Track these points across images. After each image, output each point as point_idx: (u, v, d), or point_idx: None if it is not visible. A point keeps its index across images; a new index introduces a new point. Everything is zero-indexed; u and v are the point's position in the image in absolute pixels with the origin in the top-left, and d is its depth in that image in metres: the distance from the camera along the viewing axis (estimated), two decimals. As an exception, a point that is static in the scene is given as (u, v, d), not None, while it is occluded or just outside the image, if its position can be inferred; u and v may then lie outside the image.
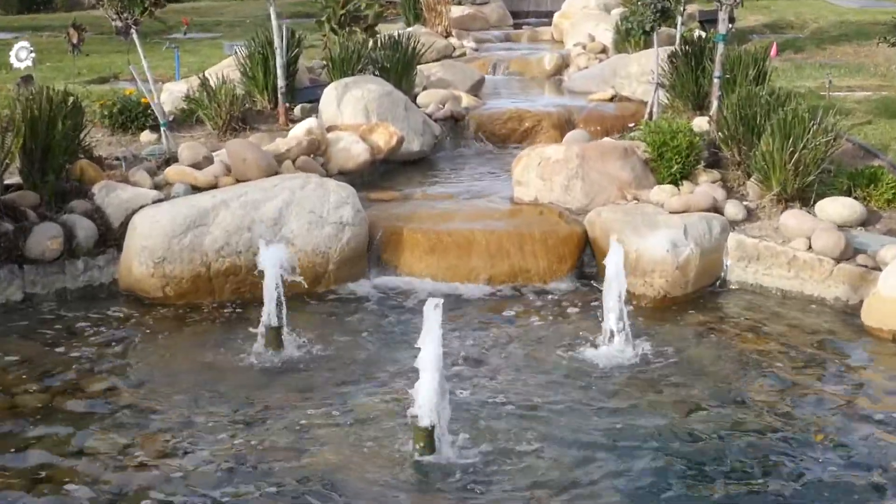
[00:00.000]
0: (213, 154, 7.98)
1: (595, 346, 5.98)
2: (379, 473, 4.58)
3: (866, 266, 6.62)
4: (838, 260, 6.69)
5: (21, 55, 9.48)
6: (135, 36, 8.37)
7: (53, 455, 4.74)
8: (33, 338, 6.14)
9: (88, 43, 12.87)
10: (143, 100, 8.87)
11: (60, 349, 5.98)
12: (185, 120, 9.30)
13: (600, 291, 6.13)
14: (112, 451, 4.78)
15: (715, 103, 8.23)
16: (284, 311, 5.93)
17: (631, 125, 9.78)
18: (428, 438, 4.67)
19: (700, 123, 8.61)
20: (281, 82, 9.43)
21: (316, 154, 8.30)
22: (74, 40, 12.43)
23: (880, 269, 6.46)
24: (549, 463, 4.69)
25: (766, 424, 5.08)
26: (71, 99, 7.48)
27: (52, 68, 12.03)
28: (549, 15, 17.71)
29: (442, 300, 4.60)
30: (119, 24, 8.24)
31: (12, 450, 4.78)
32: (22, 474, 4.57)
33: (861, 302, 6.45)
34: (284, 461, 4.69)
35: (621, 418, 5.14)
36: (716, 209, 7.32)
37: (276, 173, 7.65)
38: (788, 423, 5.11)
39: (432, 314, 4.54)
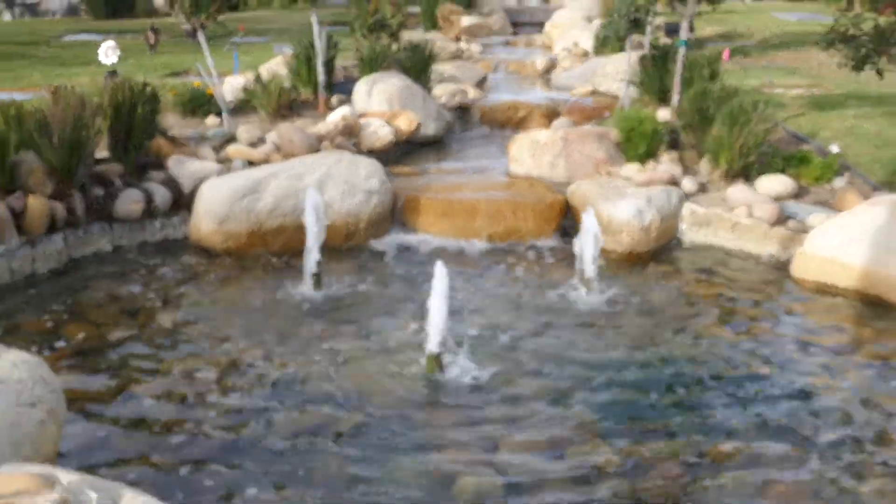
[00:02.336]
0: (266, 135, 8.05)
1: (572, 289, 6.03)
2: (398, 389, 4.68)
3: (795, 230, 6.68)
4: (772, 224, 6.74)
5: (108, 53, 9.51)
6: (201, 38, 8.43)
7: (134, 372, 4.84)
8: (121, 281, 6.23)
9: (163, 44, 12.91)
10: (208, 91, 8.92)
11: (143, 289, 6.09)
12: (242, 107, 9.35)
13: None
14: (183, 369, 4.90)
15: (676, 97, 8.26)
16: (319, 259, 5.98)
17: (606, 115, 9.80)
18: (437, 362, 4.79)
19: (663, 114, 8.63)
20: (321, 77, 9.46)
21: (349, 136, 8.36)
22: (152, 41, 12.48)
23: (806, 232, 6.52)
24: (535, 382, 4.77)
25: (715, 354, 5.14)
26: (149, 89, 7.54)
27: (134, 65, 12.06)
28: (542, 25, 17.63)
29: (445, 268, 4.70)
30: (188, 27, 8.31)
31: (102, 367, 4.90)
32: (108, 386, 4.69)
33: (790, 258, 6.51)
34: (319, 379, 4.79)
35: (593, 348, 5.22)
36: (674, 183, 7.35)
37: (317, 151, 7.72)
38: (734, 353, 5.16)
39: (440, 274, 4.67)
